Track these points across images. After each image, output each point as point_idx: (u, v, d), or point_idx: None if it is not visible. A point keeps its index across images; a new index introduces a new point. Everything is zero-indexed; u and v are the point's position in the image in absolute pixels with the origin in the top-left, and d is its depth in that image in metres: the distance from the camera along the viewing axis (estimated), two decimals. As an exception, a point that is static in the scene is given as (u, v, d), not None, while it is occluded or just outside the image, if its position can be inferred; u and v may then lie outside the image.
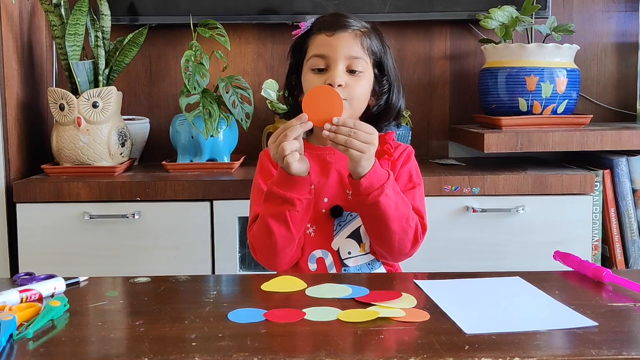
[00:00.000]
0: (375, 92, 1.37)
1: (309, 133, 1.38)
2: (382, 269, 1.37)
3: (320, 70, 1.32)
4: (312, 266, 1.33)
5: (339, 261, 1.34)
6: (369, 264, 1.35)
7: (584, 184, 1.73)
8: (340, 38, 1.32)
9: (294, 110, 1.42)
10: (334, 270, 1.33)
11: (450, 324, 0.88)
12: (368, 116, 1.38)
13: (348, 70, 1.31)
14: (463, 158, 2.13)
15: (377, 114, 1.39)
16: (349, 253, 1.34)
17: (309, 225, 1.33)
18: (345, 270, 1.33)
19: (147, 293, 1.05)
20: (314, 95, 1.21)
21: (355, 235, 1.34)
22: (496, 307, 0.96)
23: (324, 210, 1.33)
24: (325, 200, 1.33)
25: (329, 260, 1.34)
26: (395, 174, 1.34)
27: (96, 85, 1.85)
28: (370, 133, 1.19)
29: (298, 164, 1.21)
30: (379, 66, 1.37)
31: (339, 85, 1.29)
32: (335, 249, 1.33)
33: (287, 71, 1.43)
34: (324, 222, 1.33)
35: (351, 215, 1.33)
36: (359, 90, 1.32)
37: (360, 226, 1.33)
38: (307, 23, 1.38)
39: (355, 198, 1.25)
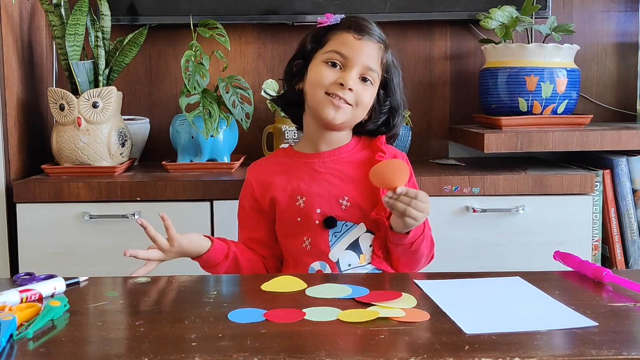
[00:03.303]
0: (375, 110, 1.37)
1: (299, 139, 1.39)
2: None
3: (334, 66, 1.32)
4: None
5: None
6: None
7: (584, 184, 1.73)
8: (366, 44, 1.33)
9: (286, 96, 1.42)
10: None
11: (450, 324, 0.88)
12: (361, 130, 1.39)
13: (360, 77, 1.32)
14: (463, 158, 2.13)
15: (371, 131, 1.40)
16: (349, 265, 1.33)
17: (305, 239, 1.33)
18: None
19: (147, 293, 1.05)
20: (384, 167, 1.23)
21: (354, 247, 1.33)
22: (496, 307, 0.96)
23: (317, 222, 1.32)
24: (318, 211, 1.33)
25: (327, 272, 1.32)
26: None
27: (96, 85, 1.85)
28: (426, 202, 1.24)
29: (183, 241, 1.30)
30: (384, 86, 1.38)
31: (350, 89, 1.30)
32: (335, 261, 1.32)
33: (294, 55, 1.41)
34: (319, 234, 1.33)
35: (346, 226, 1.33)
36: (366, 99, 1.33)
37: (359, 237, 1.33)
38: (335, 17, 1.37)
39: (396, 247, 1.31)
